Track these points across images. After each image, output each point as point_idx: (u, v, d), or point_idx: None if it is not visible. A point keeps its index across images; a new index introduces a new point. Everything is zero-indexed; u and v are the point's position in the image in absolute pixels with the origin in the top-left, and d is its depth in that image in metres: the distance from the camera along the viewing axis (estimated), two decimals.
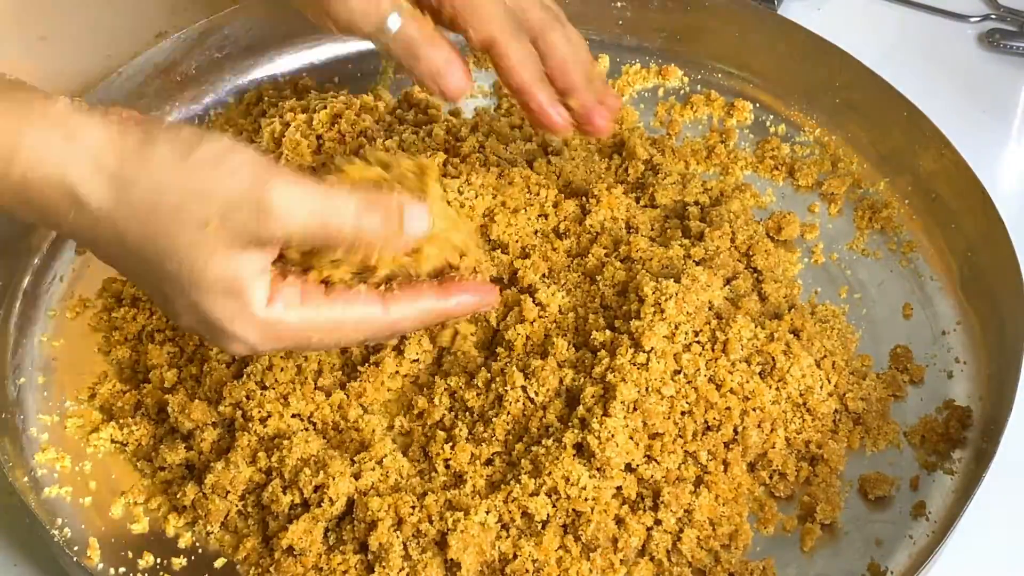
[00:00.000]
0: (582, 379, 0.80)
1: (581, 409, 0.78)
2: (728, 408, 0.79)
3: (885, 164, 0.98)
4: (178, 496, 0.79)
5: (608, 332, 0.82)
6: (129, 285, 0.89)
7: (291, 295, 0.70)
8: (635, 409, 0.77)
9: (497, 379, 0.81)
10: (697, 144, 1.00)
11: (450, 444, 0.79)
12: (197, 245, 0.66)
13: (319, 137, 0.93)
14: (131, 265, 0.69)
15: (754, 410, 0.79)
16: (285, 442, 0.78)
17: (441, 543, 0.75)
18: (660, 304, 0.80)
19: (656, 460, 0.78)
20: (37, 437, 0.83)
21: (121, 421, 0.83)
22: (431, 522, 0.75)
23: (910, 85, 0.97)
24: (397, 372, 0.83)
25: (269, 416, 0.80)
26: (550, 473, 0.75)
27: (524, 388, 0.80)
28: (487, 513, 0.75)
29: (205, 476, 0.78)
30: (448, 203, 0.83)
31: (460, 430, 0.80)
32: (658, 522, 0.77)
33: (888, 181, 0.97)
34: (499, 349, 0.83)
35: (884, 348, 0.88)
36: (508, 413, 0.80)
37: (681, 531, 0.77)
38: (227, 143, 0.67)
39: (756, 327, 0.81)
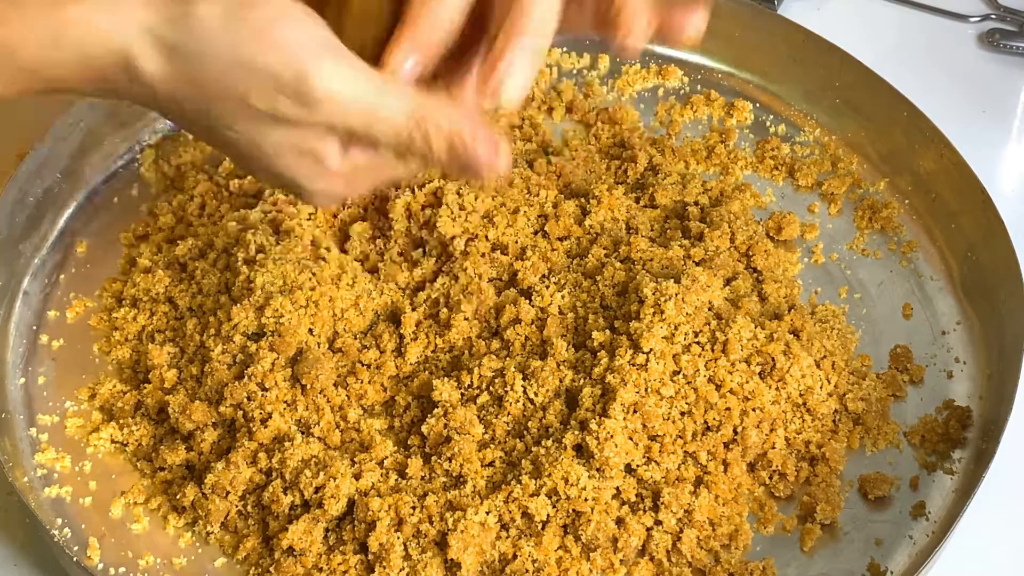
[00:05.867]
0: (582, 380, 0.80)
1: (581, 410, 0.78)
2: (728, 408, 0.79)
3: (885, 164, 0.98)
4: (178, 496, 0.79)
5: (607, 333, 0.82)
6: (129, 286, 0.89)
7: None
8: (635, 410, 0.77)
9: (497, 380, 0.81)
10: (697, 144, 1.00)
11: (451, 445, 0.79)
12: (246, 118, 0.62)
13: None
14: (198, 131, 0.65)
15: (754, 410, 0.79)
16: (286, 443, 0.78)
17: (441, 543, 0.75)
18: (660, 305, 0.80)
19: (656, 461, 0.78)
20: (37, 437, 0.83)
21: (121, 421, 0.83)
22: (431, 522, 0.75)
23: (910, 85, 0.97)
24: (397, 374, 0.83)
25: (270, 417, 0.80)
26: (550, 474, 0.75)
27: (524, 389, 0.80)
28: (487, 513, 0.75)
29: (205, 476, 0.78)
30: None
31: (461, 431, 0.80)
32: (658, 522, 0.77)
33: (888, 181, 0.97)
34: (498, 348, 0.83)
35: (884, 348, 0.88)
36: (508, 414, 0.80)
37: (681, 531, 0.77)
38: (280, 7, 0.61)
39: (756, 327, 0.81)
